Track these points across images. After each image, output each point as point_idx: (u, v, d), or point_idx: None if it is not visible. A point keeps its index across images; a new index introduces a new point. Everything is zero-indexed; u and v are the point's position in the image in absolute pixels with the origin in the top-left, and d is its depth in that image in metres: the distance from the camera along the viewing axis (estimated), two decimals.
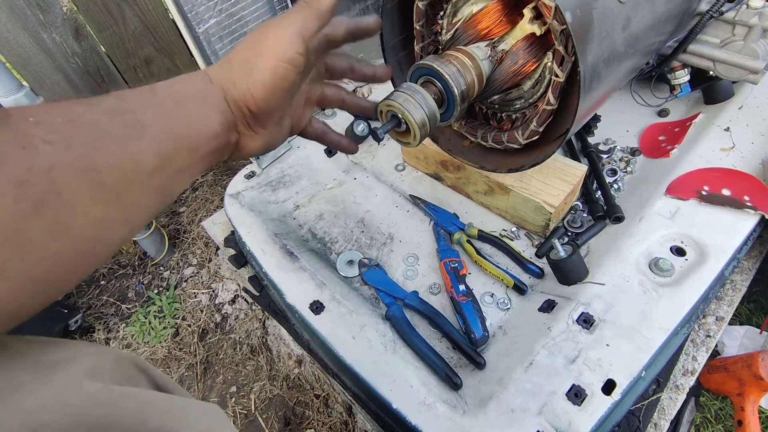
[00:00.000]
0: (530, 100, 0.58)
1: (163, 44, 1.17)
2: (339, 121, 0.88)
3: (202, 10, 0.63)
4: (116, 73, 1.14)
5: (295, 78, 0.31)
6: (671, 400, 0.59)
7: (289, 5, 0.73)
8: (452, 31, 0.58)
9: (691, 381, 0.60)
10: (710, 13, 0.61)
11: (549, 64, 0.52)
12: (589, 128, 0.79)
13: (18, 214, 0.18)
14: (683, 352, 0.62)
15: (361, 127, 0.42)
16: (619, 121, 0.81)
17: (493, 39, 0.54)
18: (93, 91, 1.10)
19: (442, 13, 0.60)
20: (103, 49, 1.08)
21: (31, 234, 0.19)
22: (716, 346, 0.68)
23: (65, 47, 1.01)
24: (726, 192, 0.61)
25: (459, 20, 0.58)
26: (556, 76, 0.49)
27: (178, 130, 0.27)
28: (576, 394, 0.47)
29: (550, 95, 0.52)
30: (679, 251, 0.58)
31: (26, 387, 0.18)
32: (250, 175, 0.83)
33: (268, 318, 0.92)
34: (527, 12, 0.50)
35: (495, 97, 0.59)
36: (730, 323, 0.69)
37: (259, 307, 0.90)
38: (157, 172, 0.25)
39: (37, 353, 0.20)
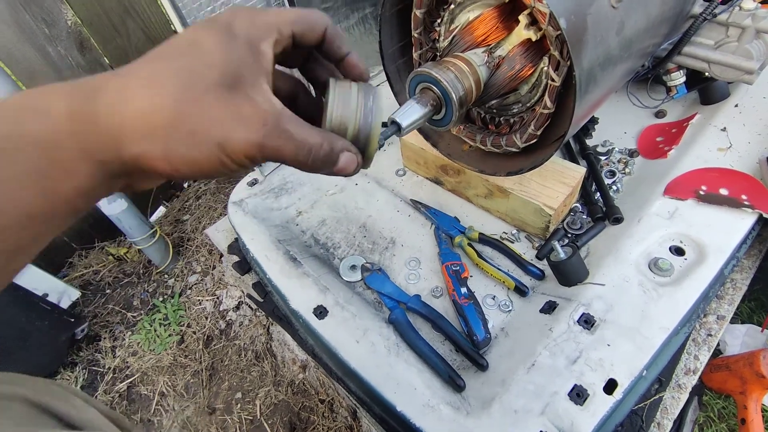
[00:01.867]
0: (528, 104, 0.59)
1: None
2: None
3: None
4: None
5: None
6: (674, 400, 0.59)
7: None
8: (450, 38, 0.59)
9: (694, 380, 0.61)
10: (704, 15, 0.62)
11: (545, 68, 0.53)
12: (587, 130, 0.80)
13: None
14: (685, 351, 0.63)
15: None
16: (617, 122, 0.82)
17: (490, 45, 0.55)
18: None
19: (439, 21, 0.62)
20: (107, 60, 1.10)
21: None
22: (718, 344, 0.68)
23: (70, 60, 1.03)
24: (724, 191, 0.62)
25: (456, 27, 0.59)
26: (553, 80, 0.50)
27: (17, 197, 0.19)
28: (578, 394, 0.48)
29: (546, 99, 0.52)
30: (678, 251, 0.59)
31: None
32: (253, 183, 0.85)
33: (272, 324, 0.93)
34: (523, 18, 0.51)
35: (493, 101, 0.60)
36: (732, 322, 0.69)
37: (263, 313, 0.91)
38: None
39: None
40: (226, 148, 0.21)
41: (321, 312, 0.63)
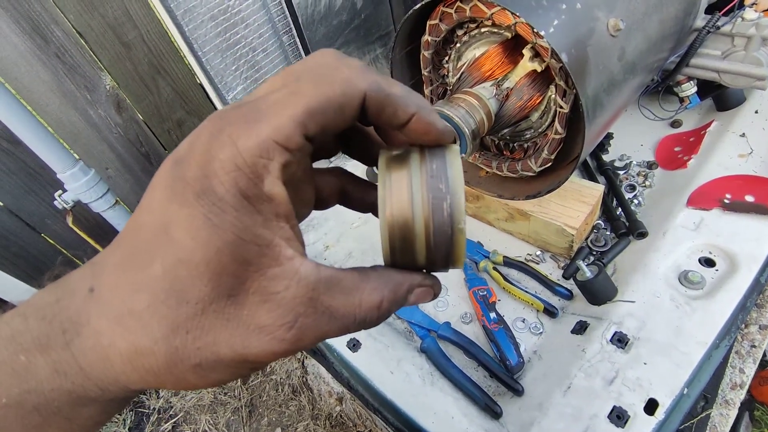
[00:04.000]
0: (539, 130, 0.61)
1: (192, 107, 1.28)
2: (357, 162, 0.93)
3: (230, 79, 0.71)
4: (153, 137, 1.24)
5: None
6: (722, 417, 0.57)
7: None
8: (458, 75, 0.63)
9: (742, 395, 0.59)
10: (707, 28, 0.63)
11: (553, 96, 0.56)
12: (602, 146, 0.81)
13: None
14: (729, 364, 0.61)
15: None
16: (632, 135, 0.82)
17: (497, 78, 0.58)
18: (134, 156, 1.21)
19: (447, 58, 0.65)
20: (140, 117, 1.19)
21: None
22: (764, 355, 0.66)
23: (109, 120, 1.12)
24: (749, 198, 0.61)
25: (463, 64, 0.62)
26: (561, 107, 0.52)
27: None
28: (618, 416, 0.47)
29: (557, 125, 0.54)
30: (708, 262, 0.58)
31: None
32: None
33: (306, 357, 0.95)
34: (526, 52, 0.54)
35: (505, 130, 0.63)
36: None
37: None
38: None
39: None
40: (247, 363, 0.17)
41: (354, 345, 0.64)
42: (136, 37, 1.07)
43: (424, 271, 0.21)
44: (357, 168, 0.86)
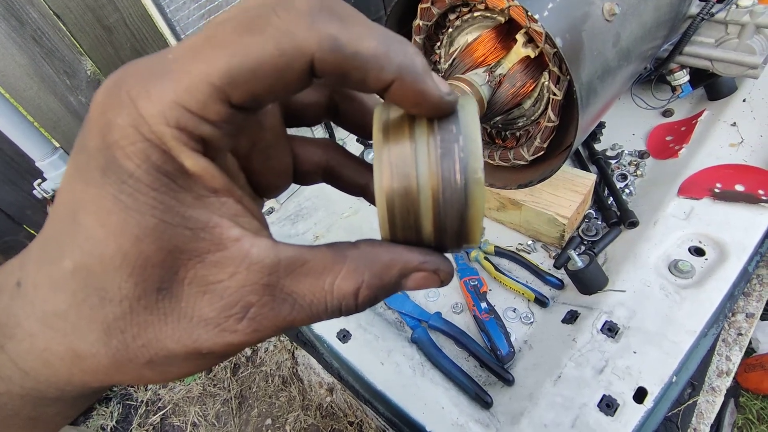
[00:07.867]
0: (532, 118, 0.60)
1: None
2: (349, 149, 0.91)
3: None
4: None
5: None
6: (709, 404, 0.58)
7: None
8: (450, 61, 0.61)
9: (728, 382, 0.59)
10: (701, 15, 0.62)
11: (546, 83, 0.55)
12: (594, 135, 0.81)
13: None
14: (716, 352, 0.61)
15: (371, 156, 0.44)
16: (624, 124, 0.82)
17: (490, 65, 0.57)
18: None
19: (438, 44, 0.64)
20: None
21: None
22: (750, 343, 0.67)
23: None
24: (739, 188, 0.61)
25: (456, 50, 0.61)
26: (554, 94, 0.51)
27: None
28: (608, 405, 0.48)
29: (550, 112, 0.53)
30: (698, 251, 0.58)
31: None
32: (270, 211, 0.87)
33: (297, 348, 0.94)
34: (520, 37, 0.52)
35: (497, 117, 0.62)
36: (762, 318, 0.67)
37: (288, 338, 0.93)
38: None
39: None
40: (204, 356, 0.15)
41: (344, 336, 0.64)
42: (117, 20, 1.03)
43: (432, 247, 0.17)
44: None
